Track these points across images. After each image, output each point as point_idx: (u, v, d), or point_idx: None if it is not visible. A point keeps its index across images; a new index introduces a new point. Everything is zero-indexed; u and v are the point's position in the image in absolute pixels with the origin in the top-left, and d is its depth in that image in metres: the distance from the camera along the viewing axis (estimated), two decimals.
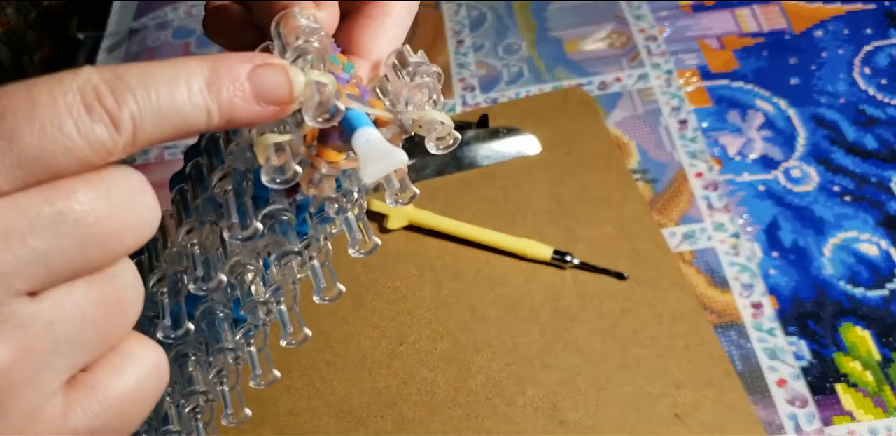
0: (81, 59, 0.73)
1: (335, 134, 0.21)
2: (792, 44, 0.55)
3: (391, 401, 0.43)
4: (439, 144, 0.22)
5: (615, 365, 0.42)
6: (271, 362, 0.28)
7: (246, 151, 0.22)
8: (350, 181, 0.24)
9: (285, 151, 0.20)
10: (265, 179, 0.20)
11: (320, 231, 0.25)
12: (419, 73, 0.22)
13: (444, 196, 0.51)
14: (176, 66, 0.18)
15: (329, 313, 0.47)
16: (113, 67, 0.17)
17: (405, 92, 0.22)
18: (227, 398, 0.28)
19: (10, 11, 0.73)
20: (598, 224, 0.47)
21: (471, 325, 0.45)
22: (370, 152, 0.20)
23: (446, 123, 0.22)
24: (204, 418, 0.30)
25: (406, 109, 0.22)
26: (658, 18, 0.59)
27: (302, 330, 0.25)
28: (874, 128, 0.50)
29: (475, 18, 0.63)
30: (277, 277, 0.26)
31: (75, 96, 0.16)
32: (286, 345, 0.26)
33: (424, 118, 0.22)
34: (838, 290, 0.43)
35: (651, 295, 0.44)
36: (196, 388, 0.28)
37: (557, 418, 0.41)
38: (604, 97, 0.55)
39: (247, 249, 0.25)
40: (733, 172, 0.49)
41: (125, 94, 0.17)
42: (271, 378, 0.27)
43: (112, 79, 0.17)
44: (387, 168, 0.20)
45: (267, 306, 0.26)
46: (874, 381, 0.40)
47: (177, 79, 0.17)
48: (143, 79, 0.17)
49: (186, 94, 0.17)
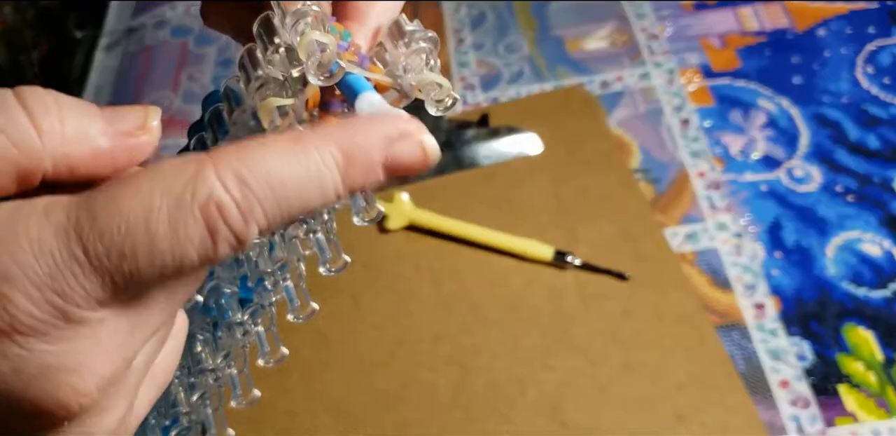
0: (79, 58, 0.73)
1: (336, 102, 0.22)
2: (794, 43, 0.54)
3: (391, 403, 0.42)
4: (439, 105, 0.23)
5: (617, 366, 0.42)
6: (279, 340, 0.28)
7: (250, 120, 0.22)
8: None
9: (288, 115, 0.20)
10: None
11: None
12: (415, 40, 0.22)
13: (445, 196, 0.50)
14: (307, 164, 0.16)
15: (328, 314, 0.46)
16: (236, 168, 0.15)
17: (402, 58, 0.22)
18: (236, 380, 0.29)
19: (7, 10, 0.73)
20: (599, 224, 0.47)
21: (471, 326, 0.44)
22: (372, 113, 0.20)
23: (444, 85, 0.22)
24: (212, 404, 0.30)
25: (404, 74, 0.22)
26: (660, 17, 0.58)
27: (309, 305, 0.26)
28: (877, 127, 0.49)
29: (476, 17, 0.62)
30: (283, 255, 0.26)
31: (197, 222, 0.15)
32: (293, 320, 0.26)
33: (423, 81, 0.22)
34: (841, 290, 0.43)
35: (653, 296, 0.44)
36: (206, 366, 0.28)
37: (559, 420, 0.40)
38: (605, 96, 0.54)
39: None
40: (735, 172, 0.49)
41: (253, 208, 0.15)
42: (279, 356, 0.27)
43: (237, 188, 0.15)
44: None
45: (273, 277, 0.26)
46: (877, 382, 0.40)
47: (309, 184, 0.16)
48: (273, 188, 0.16)
49: (320, 196, 0.16)
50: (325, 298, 0.47)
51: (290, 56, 0.20)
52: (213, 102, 0.24)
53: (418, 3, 0.65)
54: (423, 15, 0.63)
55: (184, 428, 0.31)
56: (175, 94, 0.64)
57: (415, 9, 0.64)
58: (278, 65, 0.20)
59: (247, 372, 0.29)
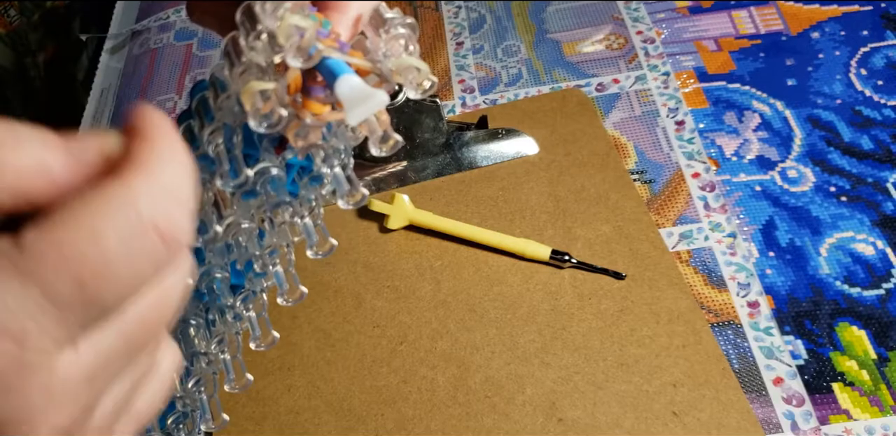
0: (84, 61, 0.74)
1: (318, 87, 0.22)
2: (788, 45, 0.55)
3: (391, 399, 0.43)
4: (418, 88, 0.23)
5: (613, 364, 0.42)
6: (270, 325, 0.29)
7: (234, 106, 0.23)
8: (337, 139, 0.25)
9: (271, 99, 0.21)
10: (252, 123, 0.21)
11: (311, 191, 0.26)
12: (394, 26, 0.23)
13: (444, 196, 0.51)
14: None
15: (330, 313, 0.47)
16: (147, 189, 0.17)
17: (382, 44, 0.23)
18: (230, 365, 0.29)
19: (13, 13, 0.74)
20: (595, 224, 0.48)
21: (470, 324, 0.45)
22: (353, 96, 0.21)
23: (422, 69, 0.23)
24: (207, 391, 0.30)
25: (384, 59, 0.23)
26: (655, 20, 0.59)
27: (298, 288, 0.26)
28: (870, 129, 0.50)
29: (474, 21, 0.63)
30: (272, 241, 0.27)
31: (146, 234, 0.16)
32: (283, 303, 0.27)
33: (401, 65, 0.23)
34: (834, 289, 0.44)
35: (648, 294, 0.44)
36: (198, 349, 0.29)
37: (556, 417, 0.41)
38: (602, 98, 0.55)
39: (241, 208, 0.25)
40: (730, 173, 0.49)
41: None
42: (271, 339, 0.28)
43: None
44: (370, 110, 0.21)
45: (262, 260, 0.27)
46: (870, 380, 0.40)
47: None
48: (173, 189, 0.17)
49: None
50: (327, 297, 0.48)
51: (271, 42, 0.21)
52: (201, 91, 0.24)
53: (418, 7, 0.65)
54: (423, 18, 0.64)
55: (180, 414, 0.31)
56: (179, 97, 0.65)
57: (415, 12, 0.65)
58: (260, 51, 0.21)
59: (240, 358, 0.30)
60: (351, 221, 0.51)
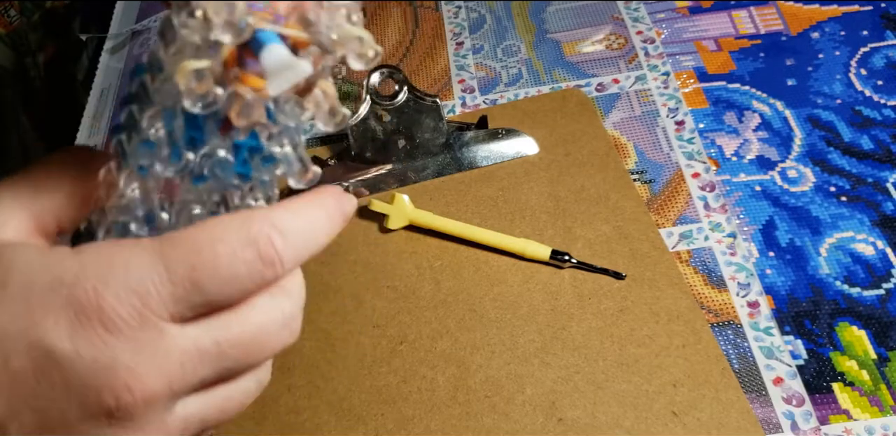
0: (84, 61, 0.74)
1: (253, 61, 0.22)
2: (788, 45, 0.55)
3: (391, 399, 0.43)
4: (361, 59, 0.23)
5: (613, 363, 0.42)
6: None
7: (173, 88, 0.22)
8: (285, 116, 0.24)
9: (205, 78, 0.21)
10: (188, 104, 0.21)
11: (264, 172, 0.25)
12: None
13: (444, 196, 0.51)
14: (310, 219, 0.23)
15: (330, 312, 0.47)
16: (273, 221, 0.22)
17: (323, 14, 0.22)
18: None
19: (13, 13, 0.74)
20: (595, 224, 0.48)
21: (470, 324, 0.45)
22: (275, 65, 0.21)
23: (365, 38, 0.22)
24: None
25: (326, 31, 0.22)
26: (655, 20, 0.59)
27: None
28: (870, 129, 0.50)
29: (474, 21, 0.63)
30: None
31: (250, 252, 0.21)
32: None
33: (343, 35, 0.22)
34: (834, 289, 0.44)
35: (648, 294, 0.44)
36: None
37: (556, 416, 0.41)
38: (602, 98, 0.55)
39: (192, 194, 0.25)
40: (730, 173, 0.50)
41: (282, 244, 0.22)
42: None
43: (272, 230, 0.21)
44: (292, 79, 0.21)
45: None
46: (870, 380, 0.40)
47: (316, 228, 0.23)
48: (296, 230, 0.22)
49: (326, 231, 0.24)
50: (327, 297, 0.48)
51: (206, 20, 0.21)
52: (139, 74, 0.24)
53: (418, 7, 0.66)
54: (423, 18, 0.64)
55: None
56: None
57: (415, 12, 0.65)
58: (194, 28, 0.21)
59: None
60: (350, 221, 0.51)
